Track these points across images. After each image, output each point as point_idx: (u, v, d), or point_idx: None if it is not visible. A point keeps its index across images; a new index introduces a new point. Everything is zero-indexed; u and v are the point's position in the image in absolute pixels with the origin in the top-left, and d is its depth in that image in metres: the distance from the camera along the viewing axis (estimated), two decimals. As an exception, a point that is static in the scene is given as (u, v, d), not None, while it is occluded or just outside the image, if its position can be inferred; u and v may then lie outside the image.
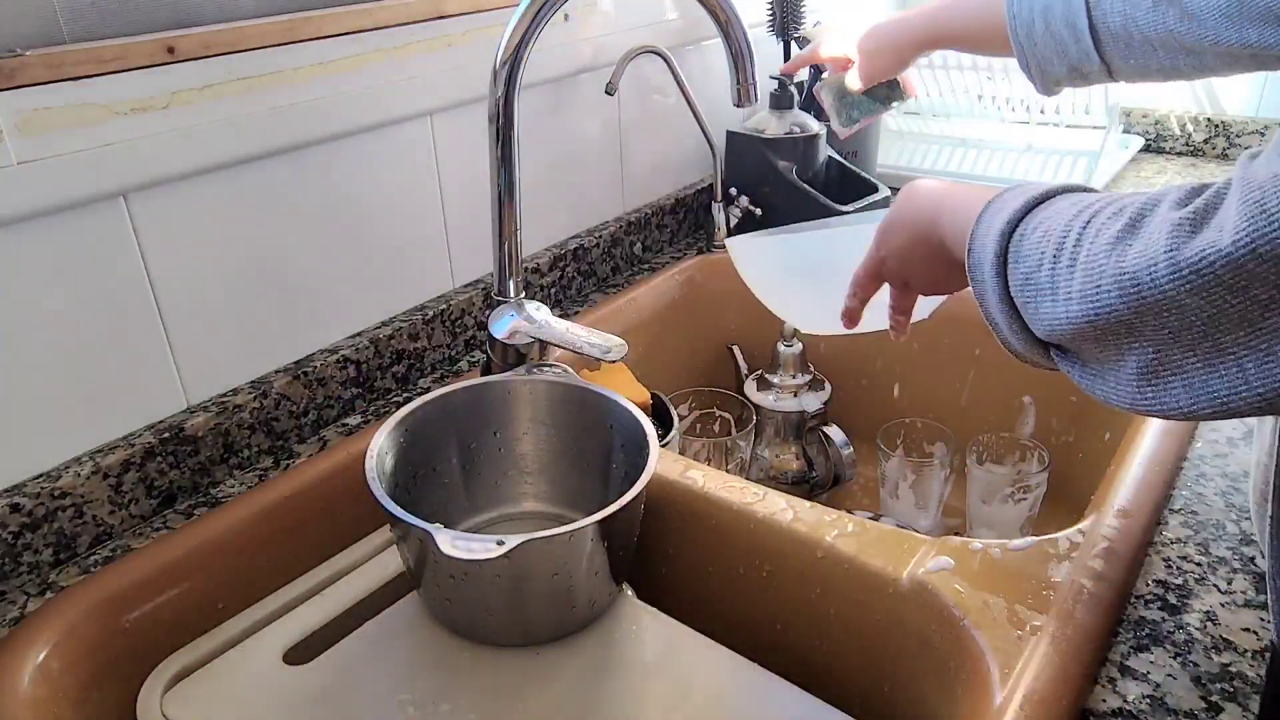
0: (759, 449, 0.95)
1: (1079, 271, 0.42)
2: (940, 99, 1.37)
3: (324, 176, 0.75)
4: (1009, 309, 0.47)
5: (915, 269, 0.62)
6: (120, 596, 0.58)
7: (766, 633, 0.65)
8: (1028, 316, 0.46)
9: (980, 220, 0.50)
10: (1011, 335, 0.48)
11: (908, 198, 0.62)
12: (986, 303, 0.49)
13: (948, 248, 0.56)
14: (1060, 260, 0.43)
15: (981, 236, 0.49)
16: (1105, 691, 0.49)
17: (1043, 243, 0.45)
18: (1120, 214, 0.41)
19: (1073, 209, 0.45)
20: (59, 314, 0.61)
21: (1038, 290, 0.44)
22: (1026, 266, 0.45)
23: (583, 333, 0.69)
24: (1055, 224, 0.45)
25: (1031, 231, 0.46)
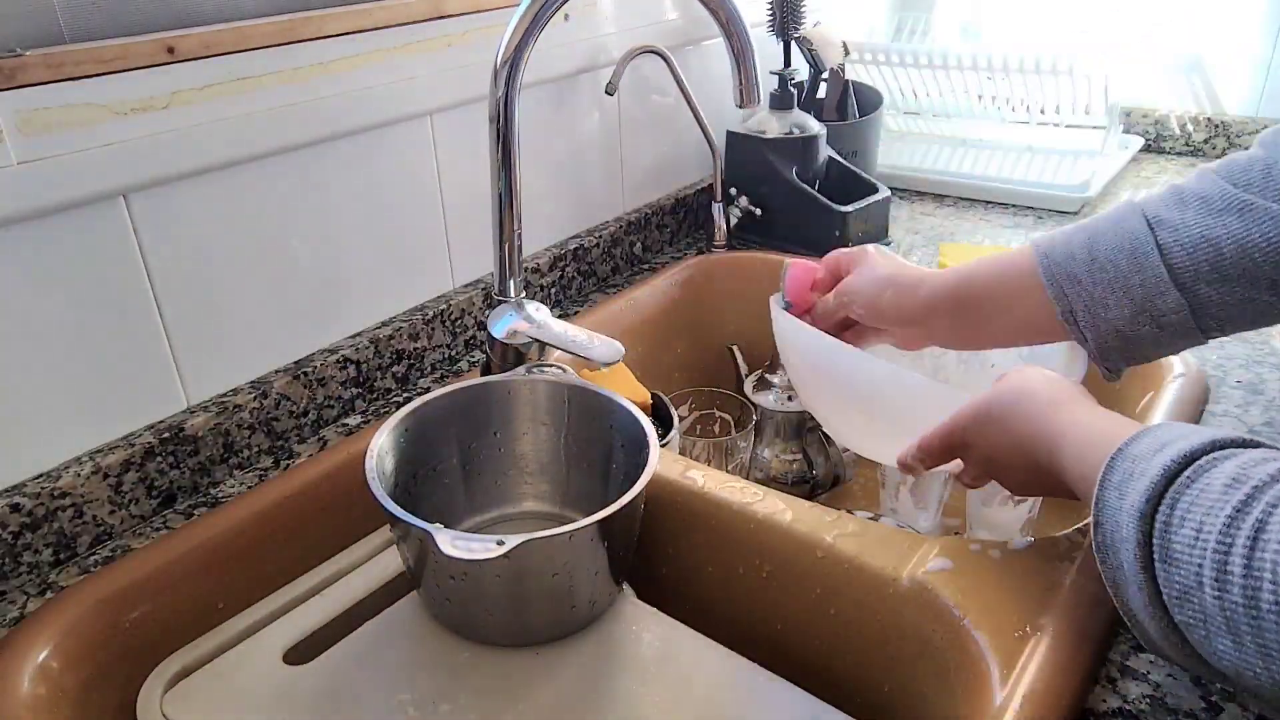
0: (759, 449, 0.95)
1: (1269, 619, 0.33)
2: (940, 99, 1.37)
3: (324, 177, 0.75)
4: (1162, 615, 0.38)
5: (1010, 476, 0.54)
6: (120, 596, 0.58)
7: (766, 633, 0.65)
8: (1195, 640, 0.37)
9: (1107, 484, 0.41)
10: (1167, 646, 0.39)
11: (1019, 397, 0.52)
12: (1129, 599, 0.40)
13: (1066, 483, 0.48)
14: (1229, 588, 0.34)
15: (1112, 508, 0.40)
16: (1105, 691, 0.49)
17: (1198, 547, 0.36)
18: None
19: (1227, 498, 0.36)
20: (59, 314, 0.61)
21: (1205, 617, 0.35)
22: (1183, 577, 0.36)
23: (581, 335, 0.69)
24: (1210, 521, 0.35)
25: (1179, 523, 0.37)
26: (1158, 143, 1.41)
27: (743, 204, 1.12)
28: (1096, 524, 0.42)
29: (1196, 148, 1.39)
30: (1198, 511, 0.36)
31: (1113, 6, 1.39)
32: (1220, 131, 1.36)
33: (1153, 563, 0.38)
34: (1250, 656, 0.34)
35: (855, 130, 1.21)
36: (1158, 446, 0.40)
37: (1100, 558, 0.42)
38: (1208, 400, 0.75)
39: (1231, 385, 0.77)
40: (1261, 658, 0.33)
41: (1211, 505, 0.36)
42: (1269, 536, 0.33)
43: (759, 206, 1.11)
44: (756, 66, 0.66)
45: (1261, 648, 0.33)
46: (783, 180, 1.08)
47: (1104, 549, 0.41)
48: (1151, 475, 0.39)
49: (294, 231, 0.74)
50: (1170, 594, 0.37)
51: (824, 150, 1.12)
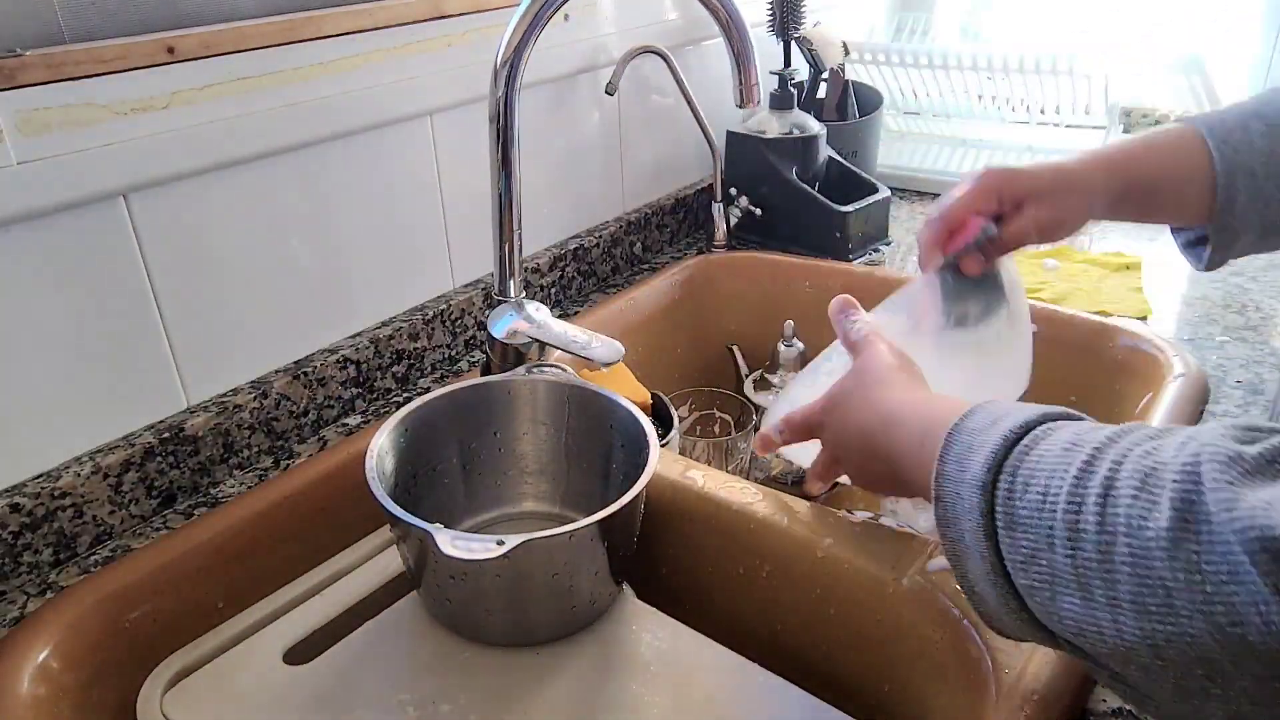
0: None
1: (1122, 571, 0.33)
2: (940, 99, 1.37)
3: (324, 177, 0.75)
4: (1003, 582, 0.38)
5: (850, 462, 0.55)
6: (120, 596, 0.58)
7: (767, 633, 0.65)
8: (1036, 603, 0.37)
9: (947, 458, 0.41)
10: (1005, 613, 0.39)
11: (859, 381, 0.53)
12: (968, 570, 0.40)
13: (898, 467, 0.48)
14: (1082, 544, 0.34)
15: (953, 480, 0.41)
16: (1105, 691, 0.49)
17: (1046, 510, 0.36)
18: (1149, 489, 0.33)
19: (1069, 460, 0.36)
20: (59, 314, 0.61)
21: (1053, 577, 0.36)
22: (1030, 540, 0.37)
23: (581, 335, 0.69)
24: (1055, 483, 0.36)
25: (1023, 488, 0.37)
26: (1158, 143, 1.41)
27: (743, 204, 1.12)
28: (937, 499, 0.42)
29: (1196, 148, 1.38)
30: (1041, 476, 0.37)
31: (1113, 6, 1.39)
32: (1220, 131, 1.36)
33: (995, 531, 0.38)
34: (1099, 611, 0.34)
35: (855, 130, 1.21)
36: (992, 420, 0.41)
37: (941, 531, 0.42)
38: (1208, 400, 0.75)
39: (1231, 385, 0.77)
40: (1110, 610, 0.34)
41: (1054, 469, 0.36)
42: (1119, 492, 0.34)
43: (759, 206, 1.11)
44: (756, 66, 0.66)
45: (1112, 600, 0.33)
46: (783, 180, 1.08)
47: (945, 522, 0.41)
48: (991, 446, 0.39)
49: (294, 231, 0.74)
50: (1014, 559, 0.37)
51: (824, 150, 1.12)
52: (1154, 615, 0.32)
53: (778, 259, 1.07)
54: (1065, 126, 1.32)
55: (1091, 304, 0.92)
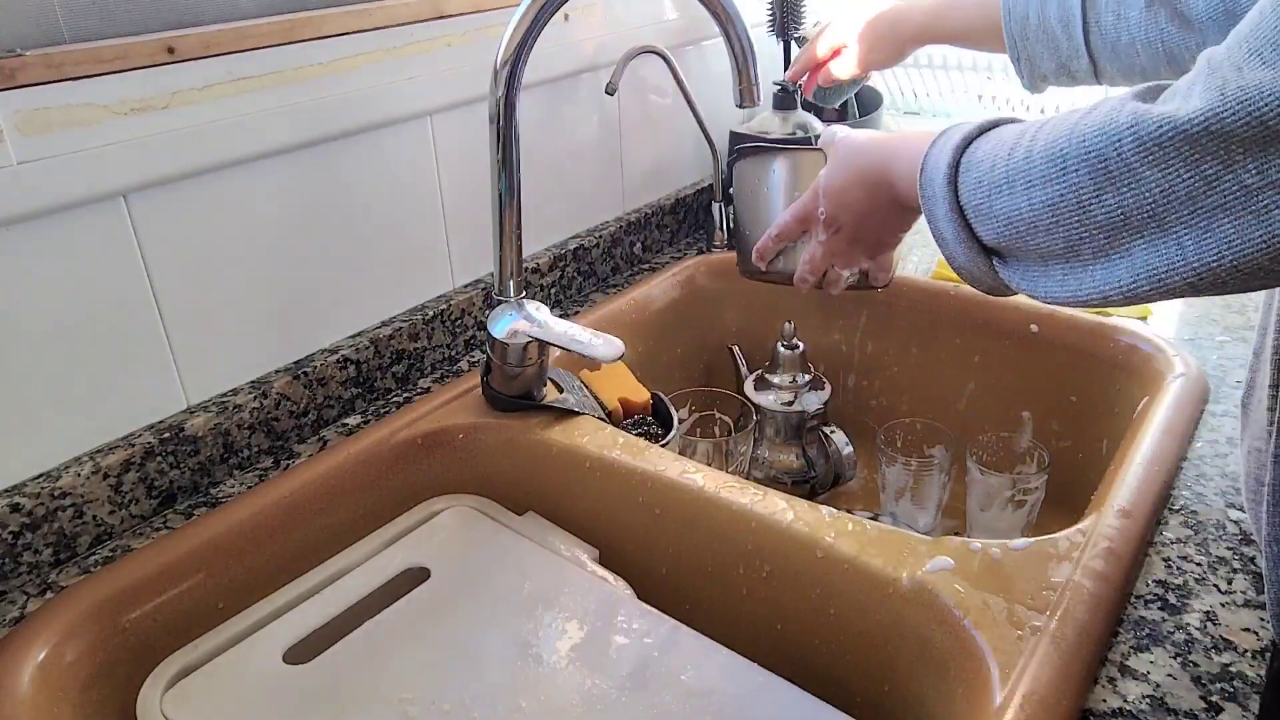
0: (759, 449, 0.95)
1: (1038, 157, 0.44)
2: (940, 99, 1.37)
3: (324, 177, 0.75)
4: (958, 219, 0.50)
5: (867, 222, 0.65)
6: (120, 596, 0.58)
7: (766, 633, 0.65)
8: (978, 221, 0.49)
9: (934, 144, 0.53)
10: (958, 246, 0.51)
11: (853, 153, 0.64)
12: (936, 216, 0.52)
13: (898, 192, 0.59)
14: (1015, 154, 0.46)
15: (935, 155, 0.52)
16: (1105, 691, 0.50)
17: (997, 148, 0.48)
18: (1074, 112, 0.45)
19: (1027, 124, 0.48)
20: (59, 314, 0.61)
21: (993, 187, 0.47)
22: (980, 171, 0.48)
23: (582, 334, 0.69)
24: (1008, 133, 0.48)
25: (984, 142, 0.49)
26: (1158, 143, 1.41)
27: (743, 204, 1.12)
28: (921, 170, 0.52)
29: (1196, 148, 1.38)
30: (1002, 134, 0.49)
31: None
32: (1220, 131, 1.36)
33: (957, 178, 0.50)
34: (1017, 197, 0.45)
35: (855, 130, 1.21)
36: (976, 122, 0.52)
37: (921, 195, 0.52)
38: (1208, 400, 0.75)
39: (1232, 385, 0.77)
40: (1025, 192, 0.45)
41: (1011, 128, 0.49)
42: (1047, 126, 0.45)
43: (759, 206, 1.11)
44: (756, 67, 0.66)
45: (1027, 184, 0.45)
46: (783, 180, 1.08)
47: (924, 185, 0.52)
48: (967, 128, 0.51)
49: (294, 231, 0.74)
50: (966, 187, 0.49)
51: (824, 150, 1.12)
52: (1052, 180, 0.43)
53: (778, 259, 1.06)
54: (1065, 126, 1.32)
55: (1091, 304, 0.92)
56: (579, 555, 0.67)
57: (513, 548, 0.67)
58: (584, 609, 0.61)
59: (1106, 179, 0.41)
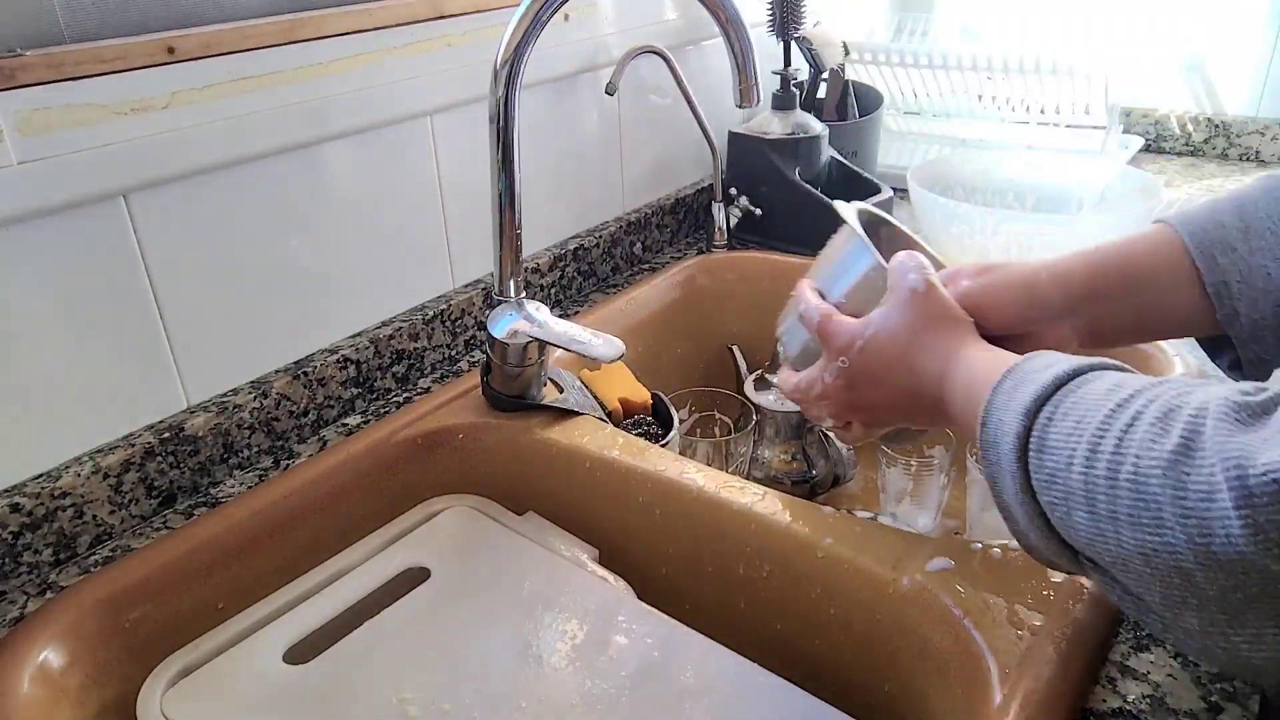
0: (759, 449, 0.95)
1: (1124, 488, 0.37)
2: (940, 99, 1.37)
3: (324, 177, 0.75)
4: (1030, 501, 0.43)
5: (880, 394, 0.56)
6: (120, 596, 0.58)
7: (766, 633, 0.65)
8: (1055, 519, 0.42)
9: (999, 390, 0.45)
10: (1032, 531, 0.43)
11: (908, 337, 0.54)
12: (1002, 490, 0.44)
13: (947, 407, 0.51)
14: (1096, 464, 0.39)
15: (999, 410, 0.44)
16: (1105, 691, 0.49)
17: (1074, 436, 0.40)
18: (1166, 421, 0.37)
19: (1109, 398, 0.40)
20: (59, 314, 0.61)
21: (1067, 495, 0.40)
22: (1054, 461, 0.41)
23: (582, 333, 0.69)
24: (1090, 415, 0.40)
25: (1062, 417, 0.41)
26: (1158, 143, 1.41)
27: (743, 204, 1.12)
28: (983, 424, 0.45)
29: (1196, 148, 1.39)
30: (1080, 408, 0.41)
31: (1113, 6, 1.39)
32: (1220, 132, 1.36)
33: (1027, 454, 0.43)
34: (1102, 523, 0.39)
35: (855, 130, 1.21)
36: (1048, 364, 0.45)
37: (983, 453, 0.46)
38: (1208, 400, 0.75)
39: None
40: (1111, 523, 0.38)
41: (1094, 404, 0.41)
42: (1141, 421, 0.38)
43: (759, 207, 1.11)
44: (756, 67, 0.66)
45: (1112, 514, 0.38)
46: (785, 181, 1.08)
47: (986, 445, 0.45)
48: (1041, 381, 0.43)
49: (294, 231, 0.74)
50: (1039, 479, 0.42)
51: (826, 151, 1.12)
52: (1145, 527, 0.37)
53: (778, 259, 1.07)
54: (1065, 126, 1.32)
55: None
56: (579, 555, 0.67)
57: (513, 548, 0.67)
58: (584, 609, 0.61)
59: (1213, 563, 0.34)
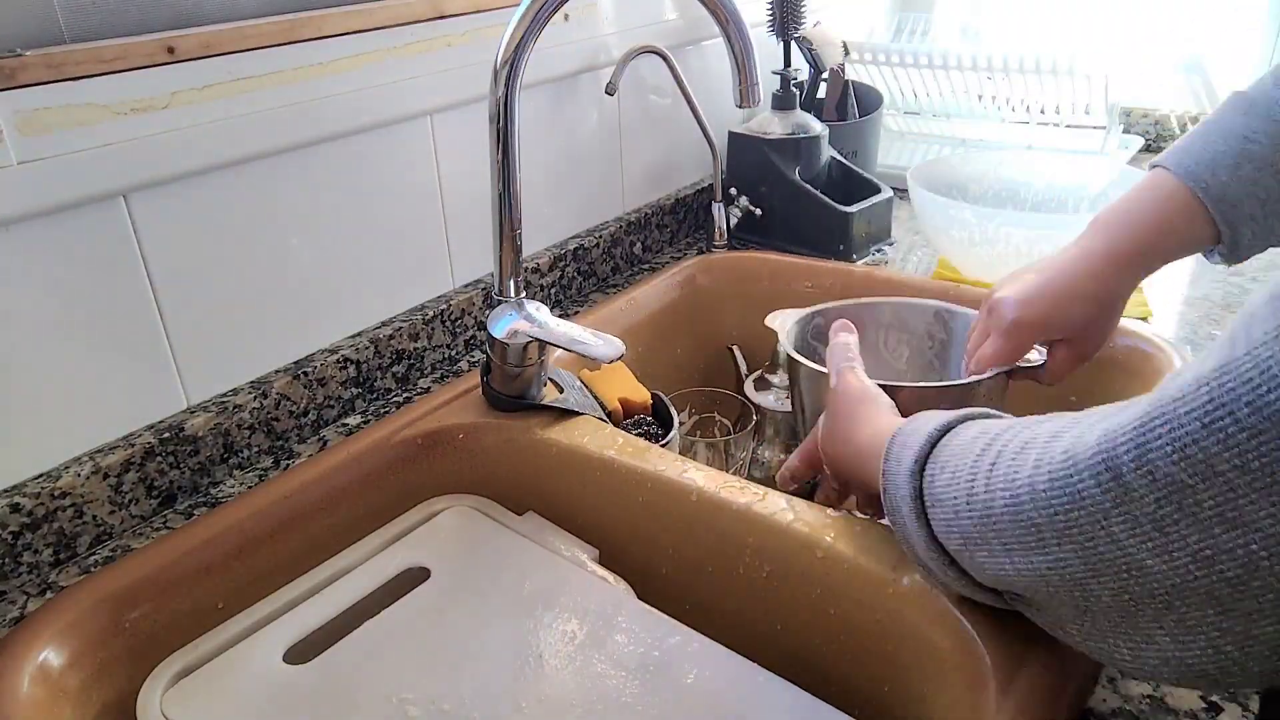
0: (759, 449, 0.95)
1: (1003, 520, 0.39)
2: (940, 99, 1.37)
3: (324, 176, 0.75)
4: (940, 553, 0.45)
5: (856, 482, 0.60)
6: (120, 596, 0.58)
7: (766, 633, 0.65)
8: (964, 563, 0.44)
9: (888, 459, 0.48)
10: (951, 581, 0.46)
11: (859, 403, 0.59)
12: (915, 549, 0.47)
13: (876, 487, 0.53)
14: (974, 505, 0.41)
15: (892, 477, 0.48)
16: (1105, 691, 0.49)
17: (953, 485, 0.43)
18: (1023, 453, 0.40)
19: (974, 444, 0.43)
20: (59, 314, 0.61)
21: (965, 539, 0.42)
22: (944, 512, 0.43)
23: (582, 334, 0.69)
24: (961, 463, 0.43)
25: (939, 470, 0.44)
26: (1158, 143, 1.41)
27: (743, 204, 1.12)
28: (884, 491, 0.48)
29: (1196, 148, 1.38)
30: (954, 460, 0.44)
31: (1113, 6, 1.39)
32: (1220, 131, 1.36)
33: (924, 509, 0.45)
34: (999, 556, 0.40)
35: (855, 130, 1.21)
36: (925, 423, 0.48)
37: (890, 519, 0.48)
38: (1208, 400, 0.75)
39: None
40: (1006, 554, 0.40)
41: (963, 453, 0.44)
42: (1000, 464, 0.40)
43: (759, 207, 1.11)
44: (757, 67, 0.66)
45: (1005, 545, 0.40)
46: (786, 181, 1.08)
47: (891, 510, 0.48)
48: (918, 442, 0.47)
49: (294, 231, 0.74)
50: (940, 529, 0.44)
51: (826, 151, 1.12)
52: (1032, 549, 0.38)
53: (778, 259, 1.07)
54: (1065, 126, 1.32)
55: (1092, 304, 0.92)
56: (579, 555, 0.67)
57: (513, 548, 0.66)
58: (584, 609, 0.61)
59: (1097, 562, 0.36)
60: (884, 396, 0.60)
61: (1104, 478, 0.34)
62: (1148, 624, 0.36)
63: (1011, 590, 0.43)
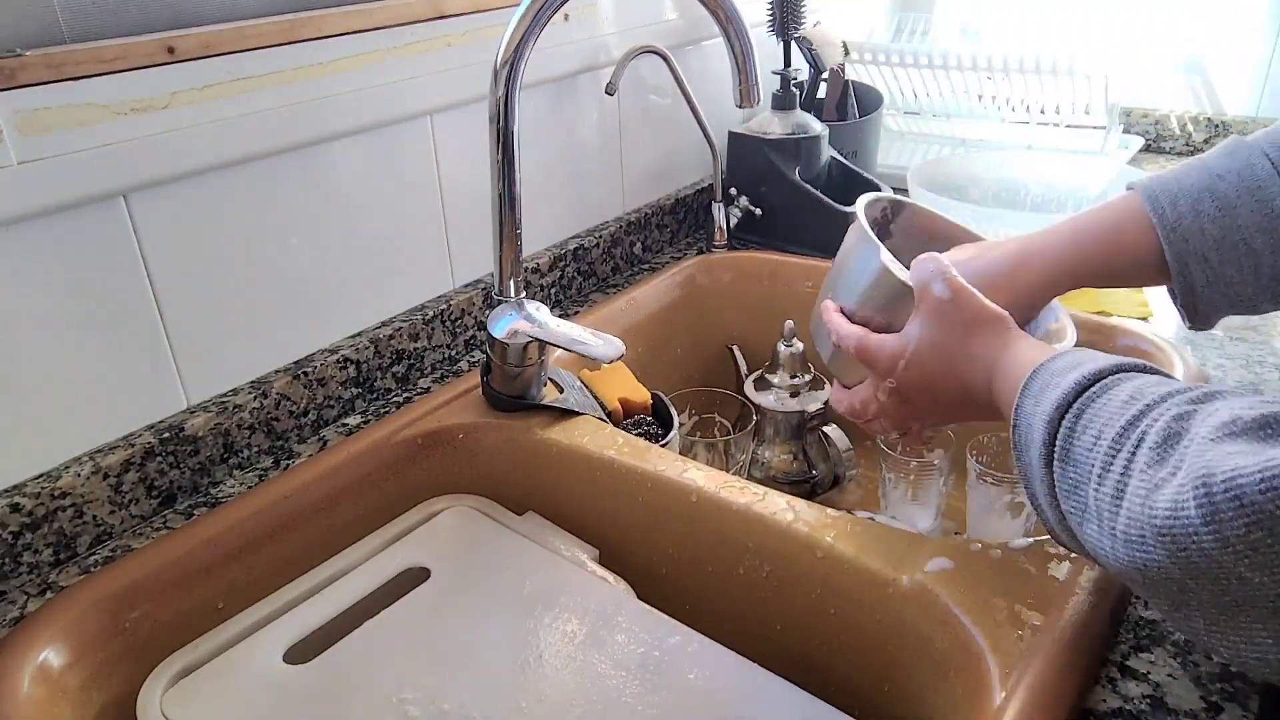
0: (759, 449, 0.95)
1: (1123, 509, 0.39)
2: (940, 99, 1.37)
3: (324, 176, 0.75)
4: (1056, 507, 0.45)
5: (952, 414, 0.59)
6: (120, 596, 0.58)
7: (766, 633, 0.65)
8: (1072, 525, 0.44)
9: (1025, 394, 0.47)
10: (1061, 531, 0.46)
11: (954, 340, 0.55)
12: (1034, 492, 0.46)
13: (995, 402, 0.53)
14: (1105, 483, 0.41)
15: (1027, 415, 0.46)
16: (1105, 691, 0.49)
17: (1093, 451, 0.42)
18: (1165, 447, 0.39)
19: (1124, 412, 0.42)
20: (59, 314, 0.61)
21: (1083, 508, 0.42)
22: (1076, 474, 0.43)
23: (582, 334, 0.69)
24: (1106, 431, 0.42)
25: (1082, 430, 0.43)
26: (1158, 143, 1.41)
27: (743, 204, 1.12)
28: (1014, 426, 0.47)
29: (1196, 148, 1.39)
30: (1098, 422, 0.42)
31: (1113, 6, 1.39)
32: (1220, 131, 1.36)
33: (1053, 460, 0.44)
34: (1105, 539, 0.41)
35: (855, 130, 1.21)
36: (1072, 365, 0.46)
37: (1015, 455, 0.48)
38: (1208, 400, 0.75)
39: (1231, 385, 0.77)
40: (1110, 539, 0.40)
41: (1110, 417, 0.42)
42: (1144, 447, 0.40)
43: (759, 207, 1.11)
44: (757, 67, 0.66)
45: (1111, 531, 0.40)
46: (786, 181, 1.08)
47: (1018, 447, 0.47)
48: (1064, 388, 0.45)
49: (294, 231, 0.74)
50: (1063, 488, 0.44)
51: (826, 151, 1.12)
52: (1134, 544, 0.38)
53: (778, 259, 1.07)
54: (1065, 126, 1.32)
55: (1093, 305, 0.92)
56: (579, 555, 0.67)
57: (513, 548, 0.67)
58: (584, 609, 0.61)
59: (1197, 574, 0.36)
60: (1010, 320, 0.55)
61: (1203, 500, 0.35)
62: (1249, 623, 0.37)
63: (1108, 569, 0.43)
